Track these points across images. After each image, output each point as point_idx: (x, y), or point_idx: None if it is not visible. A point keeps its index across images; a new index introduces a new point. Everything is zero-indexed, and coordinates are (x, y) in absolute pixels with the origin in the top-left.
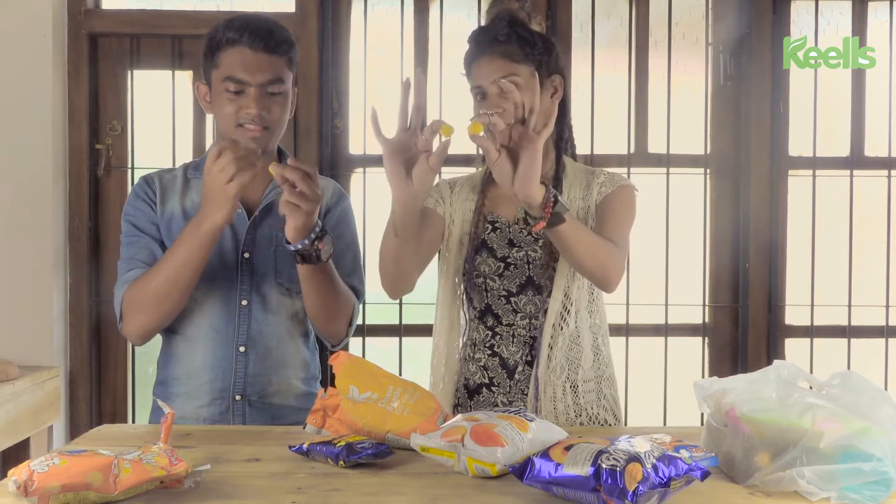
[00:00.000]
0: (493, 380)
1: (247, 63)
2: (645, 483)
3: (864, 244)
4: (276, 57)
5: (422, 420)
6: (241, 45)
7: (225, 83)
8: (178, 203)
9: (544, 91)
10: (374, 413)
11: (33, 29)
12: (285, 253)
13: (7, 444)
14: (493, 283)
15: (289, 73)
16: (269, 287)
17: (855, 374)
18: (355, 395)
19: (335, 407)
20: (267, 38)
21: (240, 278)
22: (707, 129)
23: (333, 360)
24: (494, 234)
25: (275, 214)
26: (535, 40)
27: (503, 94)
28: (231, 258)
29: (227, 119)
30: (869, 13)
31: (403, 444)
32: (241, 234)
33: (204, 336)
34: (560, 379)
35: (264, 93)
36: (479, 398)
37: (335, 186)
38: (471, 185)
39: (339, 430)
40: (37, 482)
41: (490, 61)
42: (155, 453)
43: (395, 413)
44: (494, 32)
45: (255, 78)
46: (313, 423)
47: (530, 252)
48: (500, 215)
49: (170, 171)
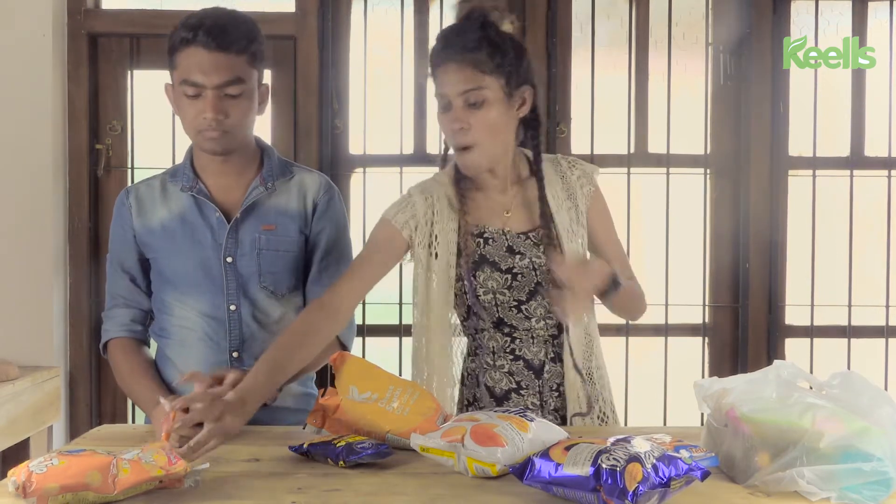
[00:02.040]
0: (521, 383)
1: (201, 64)
2: (645, 483)
3: (864, 244)
4: (234, 55)
5: (422, 420)
6: (195, 45)
7: (182, 86)
8: (157, 214)
9: (511, 104)
10: (374, 413)
11: (33, 29)
12: (268, 255)
13: (7, 444)
14: (503, 297)
15: (251, 70)
16: (255, 290)
17: (855, 374)
18: (355, 395)
19: (335, 407)
20: (221, 36)
21: (226, 283)
22: (707, 129)
23: (333, 360)
24: (490, 247)
25: (256, 216)
26: (507, 48)
27: (469, 108)
28: (215, 264)
29: (187, 125)
30: (869, 13)
31: (403, 444)
32: (222, 239)
33: (197, 342)
34: (584, 370)
35: (222, 95)
36: (508, 405)
37: (322, 182)
38: (447, 200)
39: (339, 431)
40: (35, 483)
41: (458, 69)
42: (154, 451)
43: (394, 413)
44: (464, 39)
45: (210, 80)
46: (313, 422)
47: (535, 259)
48: (486, 225)
49: (148, 183)
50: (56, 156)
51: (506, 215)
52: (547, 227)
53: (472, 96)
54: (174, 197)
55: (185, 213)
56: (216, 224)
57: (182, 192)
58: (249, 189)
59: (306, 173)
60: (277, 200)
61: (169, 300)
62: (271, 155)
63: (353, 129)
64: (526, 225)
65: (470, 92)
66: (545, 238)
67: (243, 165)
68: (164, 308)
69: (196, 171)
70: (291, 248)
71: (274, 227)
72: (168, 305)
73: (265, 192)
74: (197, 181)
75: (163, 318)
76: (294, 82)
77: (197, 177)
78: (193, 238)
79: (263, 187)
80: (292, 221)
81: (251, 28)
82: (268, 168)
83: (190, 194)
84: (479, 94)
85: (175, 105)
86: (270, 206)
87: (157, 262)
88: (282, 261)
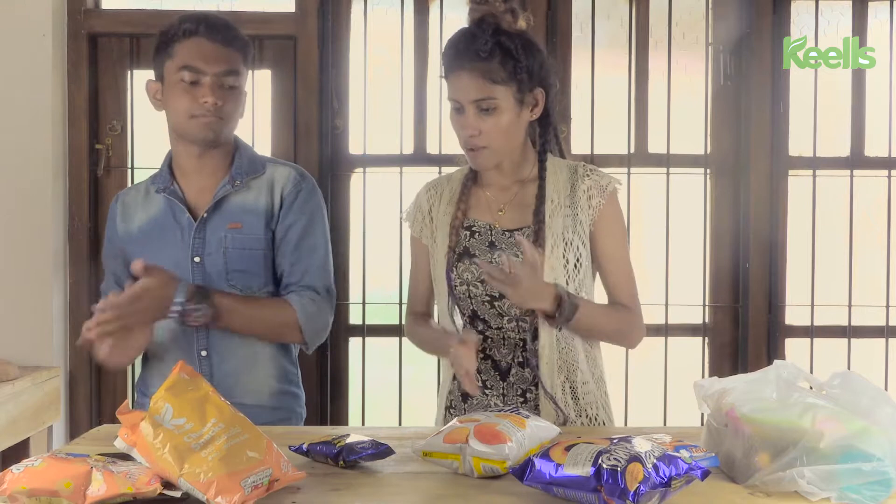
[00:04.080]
0: (486, 382)
1: (204, 52)
2: (646, 483)
3: (864, 244)
4: (233, 50)
5: (224, 473)
6: (198, 35)
7: (180, 73)
8: (137, 218)
9: (523, 107)
10: (174, 446)
11: (33, 29)
12: (234, 254)
13: (7, 444)
14: (476, 290)
15: (244, 69)
16: (224, 289)
17: (855, 375)
18: (165, 418)
19: (133, 425)
20: (224, 30)
21: (194, 282)
22: (707, 129)
23: (175, 367)
24: (474, 240)
25: (223, 214)
26: (519, 55)
27: (480, 114)
28: (182, 264)
29: (180, 112)
30: (869, 13)
31: (196, 497)
32: (189, 239)
33: (169, 341)
34: (559, 380)
35: (220, 83)
36: (472, 401)
37: (291, 175)
38: (450, 194)
39: (142, 455)
40: (6, 483)
41: (470, 78)
42: (142, 470)
43: (198, 453)
44: (476, 46)
45: (211, 67)
46: (125, 437)
47: (512, 256)
48: (476, 219)
49: (136, 188)
50: (56, 156)
51: (499, 213)
52: (537, 227)
53: (483, 104)
54: (153, 200)
55: (159, 216)
56: (186, 224)
57: (157, 193)
58: (218, 187)
59: (278, 167)
60: (245, 198)
61: None
62: (243, 152)
63: (353, 129)
64: (516, 223)
65: (481, 101)
66: (530, 237)
67: (218, 164)
68: None
69: (173, 172)
70: (258, 245)
71: (240, 226)
72: None
73: (232, 189)
74: (172, 182)
75: None
76: (294, 82)
77: (173, 178)
78: (165, 240)
79: (231, 185)
80: (258, 218)
81: (242, 32)
82: (237, 166)
83: (164, 196)
84: (490, 102)
85: (164, 97)
86: (236, 203)
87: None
88: (249, 259)
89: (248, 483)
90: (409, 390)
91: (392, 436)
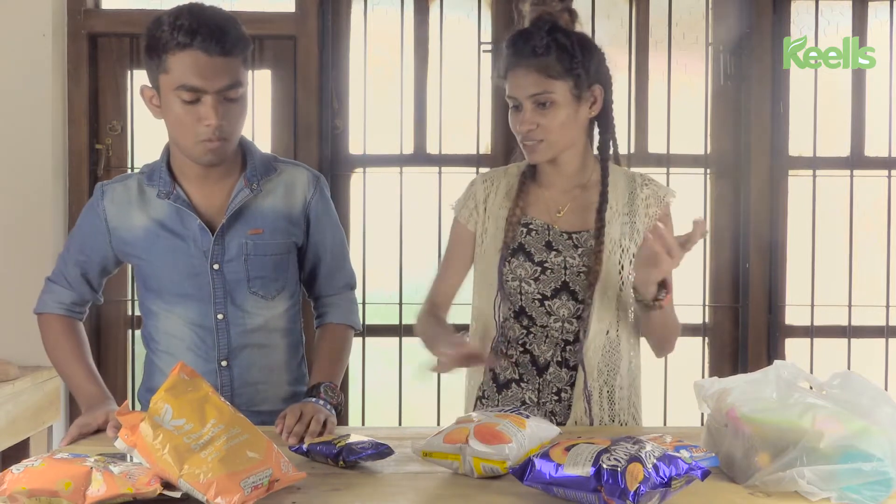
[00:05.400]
0: (523, 376)
1: (202, 69)
2: (646, 483)
3: (864, 244)
4: (233, 59)
5: (224, 473)
6: (192, 48)
7: (177, 91)
8: (135, 219)
9: (581, 104)
10: (174, 447)
11: (33, 29)
12: (256, 260)
13: (7, 444)
14: (528, 287)
15: (245, 72)
16: (243, 297)
17: (855, 375)
18: (165, 419)
19: (133, 426)
20: (222, 39)
21: (213, 292)
22: (707, 129)
23: (175, 367)
24: (531, 237)
25: (243, 220)
26: (575, 51)
27: (538, 109)
28: (201, 272)
29: (183, 133)
30: (869, 13)
31: (195, 498)
32: (207, 246)
33: (185, 352)
34: (598, 383)
35: (222, 99)
36: (507, 393)
37: (309, 177)
38: (506, 188)
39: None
40: (6, 483)
41: (526, 74)
42: (142, 471)
43: (197, 454)
44: (533, 43)
45: (212, 85)
46: (125, 438)
47: (568, 258)
48: (534, 217)
49: (125, 184)
50: (56, 156)
51: (557, 214)
52: (597, 232)
53: (540, 98)
54: (152, 202)
55: (165, 221)
56: (198, 232)
57: (159, 198)
58: (234, 193)
59: (291, 168)
60: (264, 202)
61: (154, 309)
62: (254, 153)
63: (353, 129)
64: (575, 226)
65: (538, 95)
66: (589, 242)
67: (228, 167)
68: (150, 315)
69: (174, 174)
70: (280, 250)
71: (261, 231)
72: (154, 314)
73: (251, 194)
74: (175, 186)
75: (150, 324)
76: (294, 82)
77: (174, 181)
78: (175, 247)
79: (249, 189)
80: (280, 223)
81: (241, 28)
82: (251, 168)
83: (168, 201)
84: (547, 96)
85: (162, 108)
86: (257, 208)
87: (141, 269)
88: (271, 265)
89: (248, 483)
90: (409, 390)
91: (392, 436)
